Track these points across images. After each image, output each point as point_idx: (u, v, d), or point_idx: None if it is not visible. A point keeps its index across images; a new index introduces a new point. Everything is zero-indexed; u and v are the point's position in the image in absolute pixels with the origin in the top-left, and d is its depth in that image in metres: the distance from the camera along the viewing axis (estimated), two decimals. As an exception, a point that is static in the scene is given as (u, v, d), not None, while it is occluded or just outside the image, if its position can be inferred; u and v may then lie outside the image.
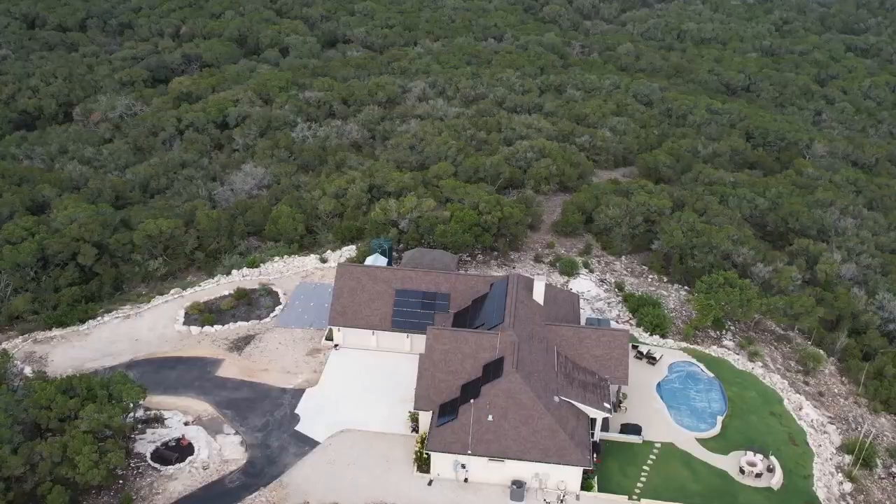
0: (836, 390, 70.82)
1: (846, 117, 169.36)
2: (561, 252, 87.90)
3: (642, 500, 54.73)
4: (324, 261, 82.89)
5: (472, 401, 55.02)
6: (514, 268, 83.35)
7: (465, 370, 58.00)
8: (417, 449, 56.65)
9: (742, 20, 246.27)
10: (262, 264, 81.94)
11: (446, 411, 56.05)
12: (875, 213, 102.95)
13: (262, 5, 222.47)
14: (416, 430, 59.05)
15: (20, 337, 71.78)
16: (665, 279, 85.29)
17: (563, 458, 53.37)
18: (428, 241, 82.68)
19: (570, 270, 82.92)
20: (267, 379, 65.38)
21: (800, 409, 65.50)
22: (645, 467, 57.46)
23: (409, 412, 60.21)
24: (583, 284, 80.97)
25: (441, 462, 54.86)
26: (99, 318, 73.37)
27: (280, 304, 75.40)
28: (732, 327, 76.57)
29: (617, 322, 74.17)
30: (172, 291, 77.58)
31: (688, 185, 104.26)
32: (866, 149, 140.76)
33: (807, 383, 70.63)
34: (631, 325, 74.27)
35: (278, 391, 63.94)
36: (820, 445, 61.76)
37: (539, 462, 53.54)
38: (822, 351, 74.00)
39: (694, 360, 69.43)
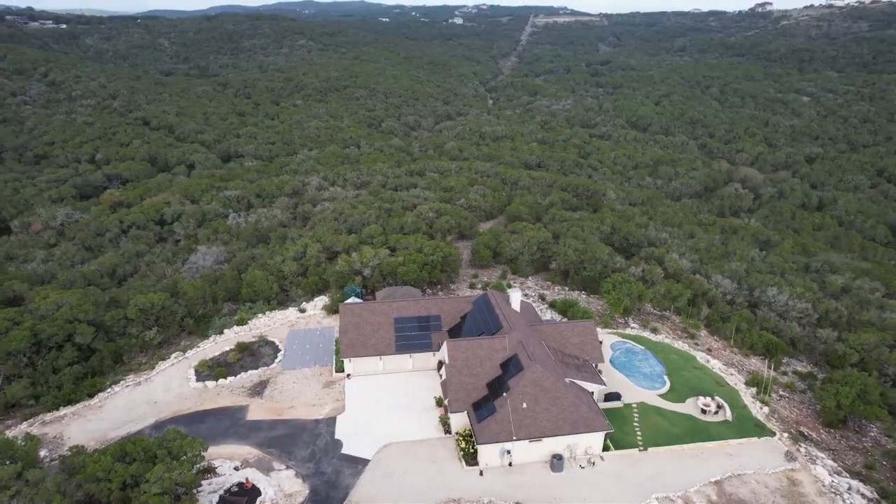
0: (716, 346, 69.86)
1: (608, 177, 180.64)
2: (485, 279, 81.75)
3: (648, 448, 48.85)
4: (303, 311, 70.38)
5: (504, 394, 46.69)
6: (456, 294, 76.00)
7: (485, 371, 49.51)
8: (462, 446, 46.88)
9: (518, 123, 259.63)
10: (249, 321, 67.98)
11: (481, 408, 47.12)
12: (673, 229, 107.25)
13: (164, 134, 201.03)
14: (448, 431, 49.23)
15: (24, 422, 52.71)
16: (567, 288, 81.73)
17: (590, 426, 46.28)
18: (390, 282, 73.27)
19: (500, 289, 76.74)
20: (296, 414, 52.27)
21: (707, 362, 63.42)
22: (635, 424, 51.74)
23: (440, 416, 50.45)
24: (514, 298, 74.92)
25: (488, 452, 45.45)
26: (108, 390, 55.88)
27: (280, 350, 62.21)
28: (630, 314, 74.04)
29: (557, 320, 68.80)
30: (174, 355, 61.47)
31: (551, 224, 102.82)
32: (633, 193, 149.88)
33: (697, 344, 68.94)
34: (565, 321, 69.17)
35: (311, 423, 51.08)
36: (735, 384, 59.60)
37: (570, 434, 46.05)
38: (697, 320, 73.27)
39: (625, 339, 65.53)
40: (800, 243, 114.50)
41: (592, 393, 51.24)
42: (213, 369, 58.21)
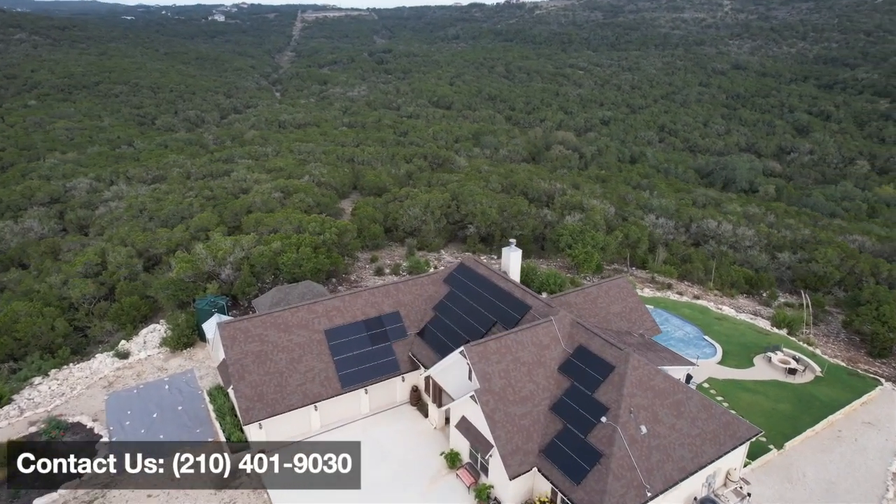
0: (697, 292, 56.66)
1: (429, 151, 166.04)
2: (388, 262, 58.59)
3: (784, 445, 31.75)
4: (124, 356, 39.93)
5: (602, 419, 25.38)
6: (360, 285, 51.75)
7: (539, 387, 27.56)
8: (553, 535, 24.51)
9: (318, 110, 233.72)
10: (15, 396, 35.91)
11: (566, 455, 25.21)
12: (557, 182, 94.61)
13: None
14: (498, 510, 26.45)
15: None
16: (494, 256, 62.22)
17: (737, 436, 27.36)
18: (267, 282, 46.17)
19: (419, 269, 54.58)
20: (178, 567, 24.60)
21: (721, 310, 49.35)
22: (732, 411, 34.39)
23: (472, 490, 27.18)
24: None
25: (604, 535, 23.91)
26: None
27: (101, 437, 32.30)
28: (600, 271, 57.40)
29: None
30: None
31: (434, 187, 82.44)
32: (477, 160, 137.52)
33: (680, 293, 55.04)
34: (593, 285, 49.90)
35: (222, 576, 24.09)
36: (767, 329, 46.20)
37: (715, 459, 26.61)
38: (671, 267, 59.41)
39: (622, 301, 48.30)
40: (670, 183, 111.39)
41: (679, 381, 32.57)
42: (-52, 517, 26.64)
